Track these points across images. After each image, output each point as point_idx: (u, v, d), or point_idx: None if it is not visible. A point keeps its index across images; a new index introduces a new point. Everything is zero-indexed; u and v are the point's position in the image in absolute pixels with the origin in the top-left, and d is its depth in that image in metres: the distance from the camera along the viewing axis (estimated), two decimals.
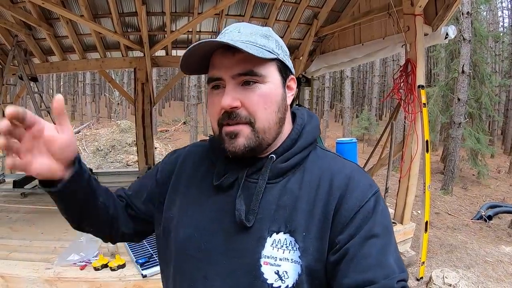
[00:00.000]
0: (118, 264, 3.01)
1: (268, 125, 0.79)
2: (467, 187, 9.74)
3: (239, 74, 0.77)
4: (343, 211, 0.76)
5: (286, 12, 6.04)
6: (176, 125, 23.83)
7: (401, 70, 4.12)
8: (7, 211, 4.63)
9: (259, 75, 0.77)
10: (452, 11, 4.07)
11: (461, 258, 4.82)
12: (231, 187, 0.83)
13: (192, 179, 0.92)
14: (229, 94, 0.77)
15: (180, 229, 0.87)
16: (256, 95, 0.78)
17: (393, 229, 0.80)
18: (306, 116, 0.90)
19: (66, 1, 5.09)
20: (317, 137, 0.89)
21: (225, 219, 0.81)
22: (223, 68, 0.78)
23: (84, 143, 13.57)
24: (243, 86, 0.78)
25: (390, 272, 0.70)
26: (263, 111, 0.78)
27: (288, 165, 0.82)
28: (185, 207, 0.89)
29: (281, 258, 0.76)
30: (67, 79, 36.15)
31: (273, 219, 0.78)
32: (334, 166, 0.83)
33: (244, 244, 0.78)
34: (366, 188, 0.79)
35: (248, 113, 0.78)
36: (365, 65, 29.17)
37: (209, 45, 0.76)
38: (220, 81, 0.79)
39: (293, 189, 0.80)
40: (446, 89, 10.79)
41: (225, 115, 0.78)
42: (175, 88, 40.15)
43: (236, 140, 0.78)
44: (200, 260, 0.82)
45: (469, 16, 9.07)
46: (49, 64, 6.29)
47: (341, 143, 7.32)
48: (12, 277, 2.97)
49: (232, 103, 0.76)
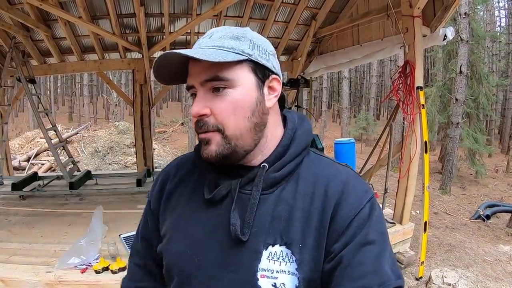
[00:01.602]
0: (119, 267, 3.01)
1: (240, 132, 0.77)
2: (465, 186, 9.78)
3: (206, 80, 0.75)
4: (338, 219, 0.75)
5: (284, 13, 6.05)
6: (174, 126, 23.80)
7: (400, 71, 4.13)
8: (6, 214, 4.61)
9: (226, 79, 0.75)
10: (450, 13, 4.08)
11: (460, 257, 4.84)
12: (223, 200, 0.81)
13: (182, 195, 0.90)
14: (198, 102, 0.77)
15: (172, 246, 0.85)
16: (225, 102, 0.75)
17: (388, 235, 0.79)
18: (296, 120, 0.87)
19: (64, 3, 5.08)
20: (311, 141, 0.87)
21: (219, 233, 0.79)
22: (193, 75, 0.77)
23: (82, 145, 13.55)
24: (213, 93, 0.76)
25: (385, 279, 0.70)
26: (232, 118, 0.76)
27: (282, 174, 0.80)
28: (177, 222, 0.87)
29: (277, 271, 0.75)
30: (65, 81, 36.13)
31: (269, 232, 0.77)
32: (329, 172, 0.82)
33: (240, 258, 0.77)
34: (361, 195, 0.78)
35: (216, 121, 0.76)
36: (362, 65, 29.18)
37: (170, 57, 0.75)
38: (194, 89, 0.78)
39: (287, 199, 0.79)
40: (444, 89, 10.81)
41: (196, 123, 0.78)
42: (172, 89, 40.14)
43: (208, 147, 0.78)
44: (195, 276, 0.80)
45: (466, 16, 9.10)
46: (47, 66, 6.28)
47: (339, 144, 7.32)
48: (12, 281, 2.96)
49: (200, 111, 0.76)
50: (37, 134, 13.24)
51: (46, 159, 11.11)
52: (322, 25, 6.30)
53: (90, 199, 5.25)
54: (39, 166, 10.52)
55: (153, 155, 7.03)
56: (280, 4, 5.64)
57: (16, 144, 12.56)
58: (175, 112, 31.99)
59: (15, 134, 17.41)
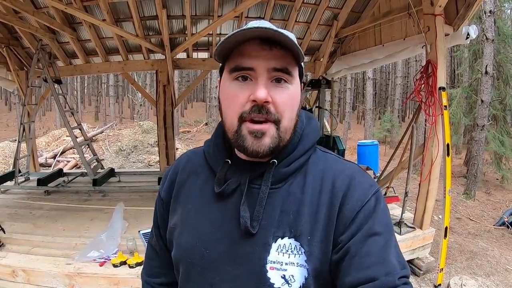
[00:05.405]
0: (136, 262, 3.08)
1: (290, 125, 0.79)
2: (491, 191, 9.45)
3: (275, 68, 0.74)
4: (345, 211, 0.77)
5: (306, 14, 6.04)
6: (198, 126, 23.97)
7: (422, 71, 4.05)
8: (31, 208, 4.78)
9: (291, 74, 0.76)
10: (473, 10, 3.96)
11: (481, 265, 4.69)
12: (233, 194, 0.83)
13: (192, 188, 0.91)
14: (263, 87, 0.74)
15: (182, 238, 0.87)
16: (286, 94, 0.76)
17: (393, 227, 0.80)
18: (304, 119, 0.89)
19: (88, 6, 5.25)
20: (318, 139, 0.88)
21: (228, 226, 0.81)
22: (260, 59, 0.74)
23: (107, 143, 13.82)
24: (273, 82, 0.75)
25: (391, 269, 0.71)
26: (290, 111, 0.78)
27: (291, 169, 0.82)
28: (187, 216, 0.88)
29: (287, 263, 0.76)
30: (91, 81, 36.98)
31: (278, 225, 0.78)
32: (336, 168, 0.84)
33: (249, 250, 0.78)
34: (367, 188, 0.80)
35: (277, 111, 0.75)
36: (387, 66, 28.71)
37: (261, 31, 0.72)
38: (251, 72, 0.75)
39: (296, 193, 0.80)
40: (470, 91, 10.50)
41: (255, 108, 0.74)
42: (197, 89, 40.54)
43: (262, 140, 0.76)
44: (205, 268, 0.82)
45: (492, 14, 8.81)
46: (72, 67, 6.48)
47: (363, 145, 7.26)
48: (33, 271, 3.08)
49: (267, 96, 0.74)
50: (63, 133, 13.57)
51: (72, 156, 11.38)
52: (344, 25, 6.24)
53: (112, 196, 5.39)
54: (65, 163, 10.79)
55: (176, 154, 7.12)
56: (301, 5, 5.62)
57: (43, 142, 12.91)
58: (199, 112, 32.22)
59: (42, 132, 17.92)
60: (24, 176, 6.21)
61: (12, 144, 11.41)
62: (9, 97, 31.96)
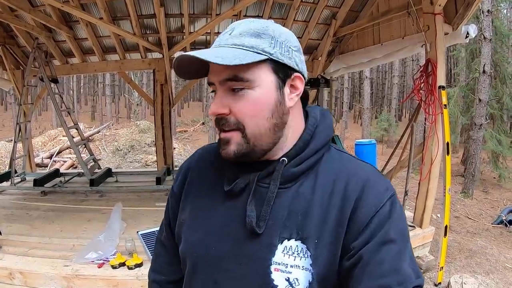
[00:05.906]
0: (135, 263, 3.05)
1: (259, 132, 0.76)
2: (488, 190, 9.50)
3: (225, 79, 0.74)
4: (358, 216, 0.74)
5: (304, 12, 6.02)
6: (195, 126, 23.96)
7: (421, 70, 4.04)
8: (28, 209, 4.74)
9: (245, 80, 0.73)
10: (472, 10, 3.97)
11: (481, 263, 4.71)
12: (242, 192, 0.81)
13: (203, 184, 0.91)
14: (217, 100, 0.76)
15: (190, 233, 0.87)
16: (243, 102, 0.74)
17: (409, 234, 0.77)
18: (319, 115, 0.86)
19: (85, 4, 5.21)
20: (331, 137, 0.85)
21: (235, 224, 0.80)
22: (213, 73, 0.77)
23: (104, 143, 13.76)
24: (232, 92, 0.75)
25: (405, 278, 0.69)
26: (252, 118, 0.75)
27: (301, 169, 0.79)
28: (196, 212, 0.88)
29: (292, 265, 0.74)
30: (87, 80, 36.85)
31: (285, 226, 0.76)
32: (349, 169, 0.80)
33: (254, 250, 0.77)
34: (382, 192, 0.76)
35: (237, 119, 0.75)
36: (384, 65, 28.79)
37: (187, 59, 0.75)
38: (214, 86, 0.78)
39: (305, 194, 0.78)
40: (467, 90, 10.56)
41: (216, 121, 0.78)
42: (193, 89, 40.46)
43: (227, 147, 0.78)
44: (209, 265, 0.81)
45: (489, 14, 8.87)
46: (69, 66, 6.44)
47: (360, 145, 7.24)
48: (31, 273, 3.04)
49: (218, 110, 0.76)
50: (59, 132, 13.51)
51: (68, 156, 11.34)
52: (342, 24, 6.23)
53: (109, 196, 5.34)
54: (61, 163, 10.74)
55: (173, 154, 7.09)
56: (299, 3, 5.61)
57: (39, 142, 12.85)
58: (196, 111, 32.22)
59: (39, 132, 17.86)
60: (20, 177, 6.16)
61: (8, 144, 11.34)
62: (5, 96, 31.81)
